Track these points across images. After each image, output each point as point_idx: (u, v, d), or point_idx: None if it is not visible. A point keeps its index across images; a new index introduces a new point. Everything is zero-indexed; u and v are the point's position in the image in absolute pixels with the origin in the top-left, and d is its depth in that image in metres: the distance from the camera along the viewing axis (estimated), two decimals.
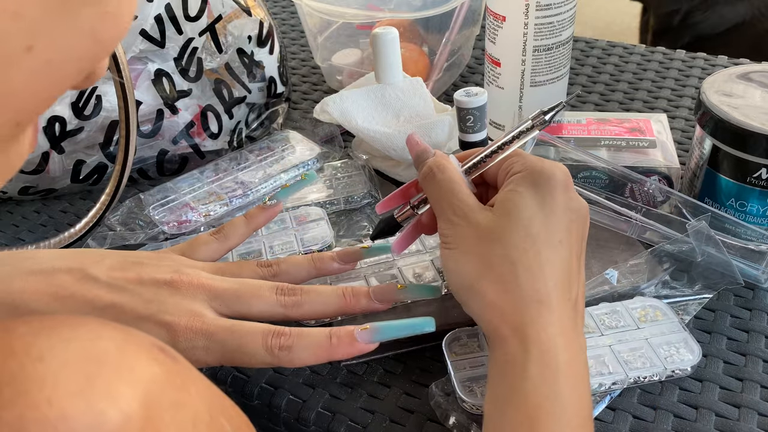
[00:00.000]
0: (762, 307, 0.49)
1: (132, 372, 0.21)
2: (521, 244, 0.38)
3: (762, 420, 0.42)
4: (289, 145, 0.64)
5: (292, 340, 0.39)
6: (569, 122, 0.60)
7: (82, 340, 0.21)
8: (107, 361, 0.20)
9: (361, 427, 0.43)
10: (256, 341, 0.39)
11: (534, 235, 0.38)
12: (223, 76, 0.64)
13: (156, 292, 0.40)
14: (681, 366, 0.43)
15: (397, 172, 0.62)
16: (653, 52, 0.82)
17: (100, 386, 0.19)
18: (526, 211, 0.38)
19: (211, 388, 0.25)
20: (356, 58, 0.76)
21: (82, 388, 0.19)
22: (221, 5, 0.63)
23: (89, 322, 0.22)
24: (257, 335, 0.39)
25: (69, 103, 0.58)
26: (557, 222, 0.38)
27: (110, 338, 0.21)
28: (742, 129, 0.48)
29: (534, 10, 0.59)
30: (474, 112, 0.53)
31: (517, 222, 0.38)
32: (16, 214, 0.63)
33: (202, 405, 0.23)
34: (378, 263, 0.51)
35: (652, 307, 0.47)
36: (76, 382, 0.19)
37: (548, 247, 0.38)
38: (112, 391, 0.20)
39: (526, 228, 0.38)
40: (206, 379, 0.25)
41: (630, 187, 0.54)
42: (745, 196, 0.50)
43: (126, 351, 0.21)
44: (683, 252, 0.49)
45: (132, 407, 0.20)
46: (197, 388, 0.23)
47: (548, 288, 0.37)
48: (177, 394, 0.22)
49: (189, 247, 0.46)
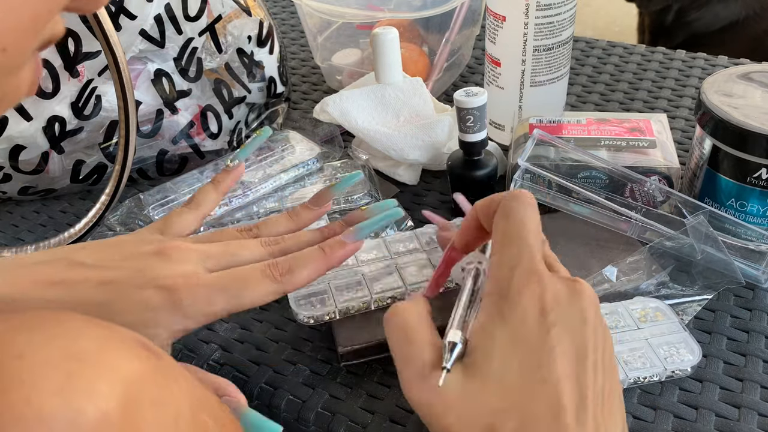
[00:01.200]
0: (762, 307, 0.49)
1: (112, 370, 0.21)
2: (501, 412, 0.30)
3: (762, 420, 0.42)
4: (289, 145, 0.64)
5: (290, 263, 0.41)
6: (569, 122, 0.60)
7: (63, 337, 0.21)
8: (87, 358, 0.20)
9: (360, 427, 0.43)
10: (257, 276, 0.40)
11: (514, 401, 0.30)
12: (222, 76, 0.64)
13: (146, 263, 0.40)
14: (681, 366, 0.43)
15: (397, 172, 0.62)
16: (653, 52, 0.82)
17: (79, 384, 0.19)
18: (498, 365, 0.31)
19: (194, 384, 0.25)
20: (356, 58, 0.76)
21: (62, 386, 0.19)
22: (221, 5, 0.63)
23: (71, 319, 0.22)
24: (256, 271, 0.41)
25: (69, 103, 0.58)
26: (534, 355, 0.31)
27: (92, 336, 0.21)
28: (742, 129, 0.48)
29: (534, 10, 0.59)
30: (474, 112, 0.53)
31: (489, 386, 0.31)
32: (15, 214, 0.63)
33: (185, 402, 0.23)
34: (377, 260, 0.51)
35: (652, 308, 0.47)
36: (55, 380, 0.19)
37: (529, 397, 0.30)
38: (90, 389, 0.20)
39: (500, 393, 0.30)
40: (190, 376, 0.25)
41: (630, 187, 0.54)
42: (745, 196, 0.50)
43: (107, 348, 0.21)
44: (683, 251, 0.49)
45: (110, 405, 0.20)
46: (179, 386, 0.23)
47: None
48: (158, 392, 0.22)
49: (164, 223, 0.46)
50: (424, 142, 0.60)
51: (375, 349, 0.46)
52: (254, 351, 0.48)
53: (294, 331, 0.50)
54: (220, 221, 0.58)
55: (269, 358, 0.48)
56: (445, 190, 0.61)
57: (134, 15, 0.58)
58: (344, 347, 0.46)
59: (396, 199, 0.60)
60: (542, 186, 0.53)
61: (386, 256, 0.51)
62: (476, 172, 0.56)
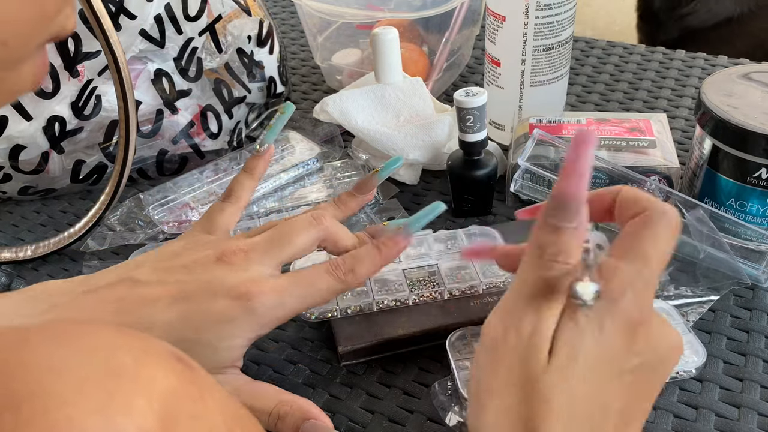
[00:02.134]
0: (762, 307, 0.49)
1: (150, 385, 0.20)
2: None
3: (762, 420, 0.42)
4: (289, 145, 0.64)
5: (352, 263, 0.42)
6: (569, 122, 0.60)
7: (101, 351, 0.20)
8: (125, 374, 0.20)
9: (361, 427, 0.43)
10: (323, 277, 0.41)
11: (572, 414, 0.29)
12: (222, 76, 0.64)
13: (212, 273, 0.40)
14: (685, 368, 0.43)
15: (397, 172, 0.62)
16: (653, 52, 0.82)
17: (118, 401, 0.19)
18: (579, 371, 0.29)
19: (227, 397, 0.25)
20: (356, 58, 0.76)
21: (103, 404, 0.19)
22: (221, 5, 0.63)
23: (104, 330, 0.21)
24: (321, 272, 0.42)
25: (69, 103, 0.58)
26: (608, 386, 0.30)
27: (128, 348, 0.21)
28: (742, 129, 0.48)
29: (534, 10, 0.59)
30: (474, 112, 0.53)
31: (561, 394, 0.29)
32: (15, 214, 0.63)
33: (219, 416, 0.23)
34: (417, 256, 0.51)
35: (656, 309, 0.47)
36: (96, 398, 0.19)
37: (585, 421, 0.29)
38: (130, 406, 0.19)
39: (569, 406, 0.29)
40: (223, 389, 0.25)
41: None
42: (745, 196, 0.50)
43: (144, 362, 0.21)
44: (684, 251, 0.49)
45: (149, 421, 0.19)
46: (214, 399, 0.23)
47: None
48: (194, 406, 0.22)
49: (208, 220, 0.46)
50: (424, 142, 0.60)
51: (375, 349, 0.46)
52: (254, 351, 0.48)
53: (294, 331, 0.50)
54: None
55: (269, 358, 0.48)
56: (445, 190, 0.61)
57: (134, 15, 0.58)
58: (344, 347, 0.46)
59: (396, 199, 0.60)
60: (542, 186, 0.53)
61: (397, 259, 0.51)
62: (476, 172, 0.56)
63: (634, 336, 0.30)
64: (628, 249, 0.31)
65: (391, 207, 0.59)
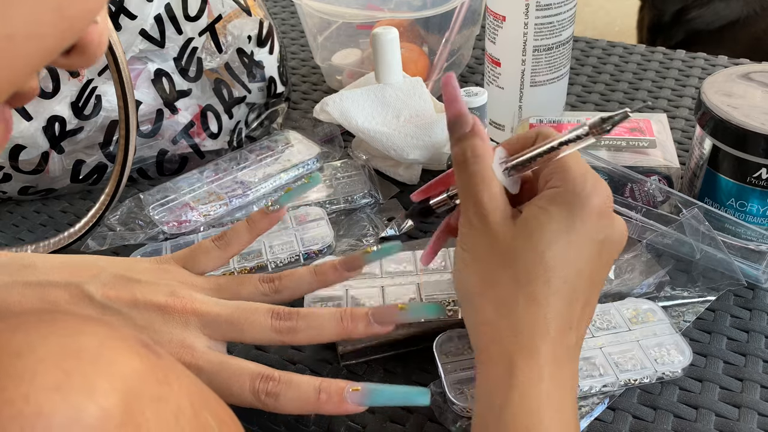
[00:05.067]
0: (762, 307, 0.49)
1: (111, 366, 0.20)
2: (533, 270, 0.35)
3: (762, 420, 0.42)
4: (288, 145, 0.64)
5: (280, 388, 0.38)
6: (569, 122, 0.60)
7: (62, 335, 0.21)
8: (86, 355, 0.20)
9: (360, 427, 0.43)
10: (243, 384, 0.38)
11: (549, 265, 0.35)
12: (222, 76, 0.64)
13: (148, 318, 0.40)
14: (671, 368, 0.43)
15: (397, 172, 0.62)
16: (653, 52, 0.82)
17: (77, 381, 0.19)
18: (548, 236, 0.35)
19: (195, 382, 0.25)
20: (356, 58, 0.76)
21: (60, 383, 0.19)
22: (221, 5, 0.63)
23: (70, 318, 0.22)
24: (245, 377, 0.38)
25: (69, 103, 0.58)
26: (580, 252, 0.36)
27: (91, 333, 0.21)
28: (742, 129, 0.48)
29: (534, 10, 0.59)
30: (474, 112, 0.53)
31: (536, 247, 0.35)
32: (16, 214, 0.63)
33: (185, 399, 0.23)
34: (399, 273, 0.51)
35: (644, 309, 0.46)
36: (53, 377, 0.19)
37: (560, 278, 0.35)
38: (89, 386, 0.19)
39: (542, 255, 0.35)
40: (191, 374, 0.25)
41: (630, 187, 0.54)
42: (745, 196, 0.50)
43: (106, 346, 0.21)
44: (681, 250, 0.49)
45: (110, 401, 0.19)
46: (180, 383, 0.23)
47: (548, 319, 0.35)
48: (159, 389, 0.22)
49: (191, 256, 0.45)
50: (423, 142, 0.60)
51: (375, 349, 0.46)
52: (254, 351, 0.48)
53: None
54: (220, 221, 0.58)
55: (269, 358, 0.48)
56: None
57: (134, 15, 0.58)
58: (344, 347, 0.46)
59: (396, 199, 0.60)
60: None
61: (411, 271, 0.51)
62: None
63: (601, 217, 0.36)
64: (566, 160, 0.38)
65: (391, 207, 0.59)
